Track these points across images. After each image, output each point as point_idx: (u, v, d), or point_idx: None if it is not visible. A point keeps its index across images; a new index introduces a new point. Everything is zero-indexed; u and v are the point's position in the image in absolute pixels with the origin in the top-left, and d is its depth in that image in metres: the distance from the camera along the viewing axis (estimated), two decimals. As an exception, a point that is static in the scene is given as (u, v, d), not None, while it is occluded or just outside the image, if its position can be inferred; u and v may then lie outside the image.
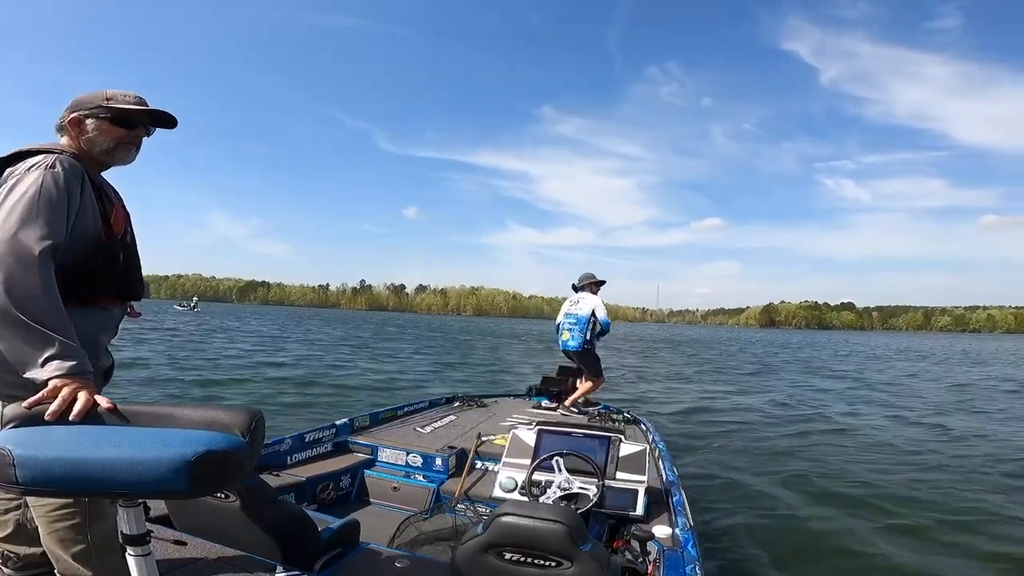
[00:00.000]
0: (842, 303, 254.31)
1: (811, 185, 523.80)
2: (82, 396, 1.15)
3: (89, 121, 1.46)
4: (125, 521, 0.92)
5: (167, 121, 1.57)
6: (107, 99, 1.47)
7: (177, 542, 1.55)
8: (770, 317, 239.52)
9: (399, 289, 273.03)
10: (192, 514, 1.70)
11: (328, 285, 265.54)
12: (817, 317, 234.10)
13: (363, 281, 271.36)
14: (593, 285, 5.41)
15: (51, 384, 1.15)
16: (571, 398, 5.15)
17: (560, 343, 5.38)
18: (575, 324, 5.28)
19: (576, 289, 5.47)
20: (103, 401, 1.16)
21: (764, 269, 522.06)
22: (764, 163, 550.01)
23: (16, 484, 0.81)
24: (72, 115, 1.45)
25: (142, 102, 1.51)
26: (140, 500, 0.91)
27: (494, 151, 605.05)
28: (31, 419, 1.07)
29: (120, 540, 0.94)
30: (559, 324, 5.45)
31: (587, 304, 5.30)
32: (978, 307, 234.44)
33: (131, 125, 1.49)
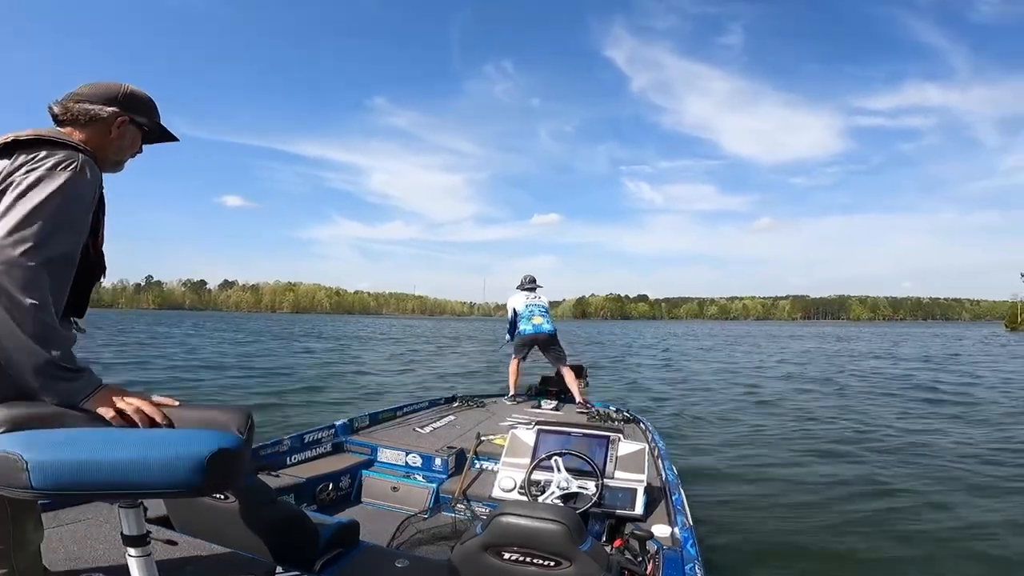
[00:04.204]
0: (638, 295, 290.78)
1: (617, 186, 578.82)
2: (137, 401, 1.11)
3: (131, 128, 1.33)
4: (125, 522, 0.91)
5: (155, 140, 1.46)
6: (151, 108, 1.38)
7: (177, 543, 1.56)
8: (582, 309, 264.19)
9: (199, 285, 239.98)
10: (192, 515, 1.69)
11: (100, 282, 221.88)
12: (620, 308, 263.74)
13: (150, 277, 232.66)
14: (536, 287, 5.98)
15: (100, 398, 1.10)
16: (579, 397, 5.29)
17: (532, 328, 5.62)
18: (544, 311, 5.73)
19: (522, 288, 5.94)
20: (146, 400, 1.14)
21: (577, 263, 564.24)
22: (581, 164, 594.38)
23: (30, 489, 0.79)
24: (122, 116, 1.30)
25: None
26: (139, 501, 0.91)
27: (320, 141, 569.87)
28: (31, 422, 1.01)
29: (123, 541, 0.93)
30: (521, 314, 5.74)
31: (544, 297, 5.84)
32: (736, 298, 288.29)
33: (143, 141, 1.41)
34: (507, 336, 6.16)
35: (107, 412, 1.07)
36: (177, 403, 1.12)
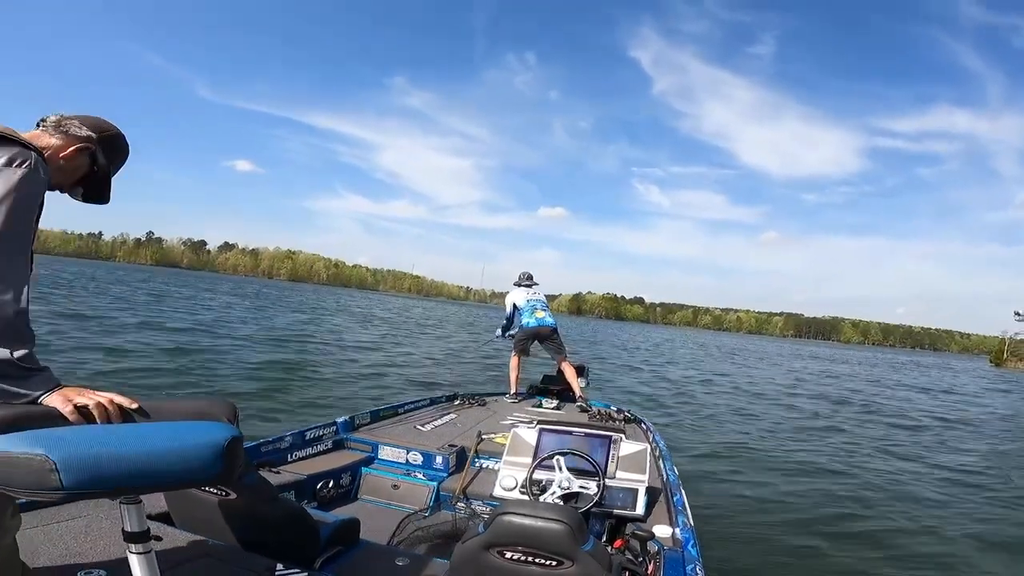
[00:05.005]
0: (635, 297, 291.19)
1: (627, 187, 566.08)
2: (99, 397, 1.11)
3: (84, 158, 1.31)
4: (127, 519, 0.91)
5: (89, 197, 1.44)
6: (118, 157, 1.39)
7: (177, 539, 1.55)
8: (578, 306, 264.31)
9: (198, 245, 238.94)
10: (193, 511, 1.67)
11: (101, 234, 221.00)
12: (615, 308, 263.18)
13: (151, 233, 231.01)
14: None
15: (58, 395, 1.10)
16: (579, 392, 5.32)
17: (536, 321, 5.72)
18: (545, 306, 5.85)
19: (520, 284, 6.00)
20: (124, 400, 1.14)
21: (579, 260, 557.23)
22: (593, 161, 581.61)
23: (60, 490, 0.76)
24: (84, 144, 1.30)
25: None
26: (139, 498, 0.91)
27: (334, 114, 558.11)
28: (17, 422, 0.98)
29: (124, 538, 0.92)
30: (523, 308, 5.81)
31: (542, 292, 5.95)
32: (731, 309, 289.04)
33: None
34: (498, 331, 6.19)
35: (65, 407, 1.08)
36: (136, 404, 1.12)
